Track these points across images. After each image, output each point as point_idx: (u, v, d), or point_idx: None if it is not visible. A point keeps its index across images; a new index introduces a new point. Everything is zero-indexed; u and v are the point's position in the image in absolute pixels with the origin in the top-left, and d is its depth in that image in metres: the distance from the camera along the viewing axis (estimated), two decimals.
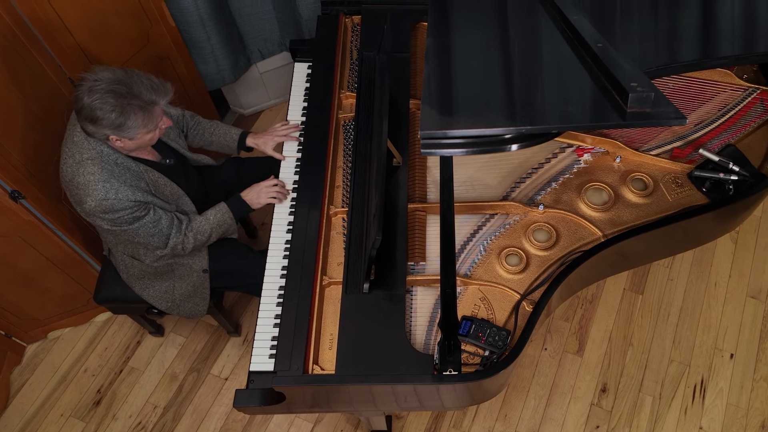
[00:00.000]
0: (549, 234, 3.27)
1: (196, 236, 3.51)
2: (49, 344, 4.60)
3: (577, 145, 3.56)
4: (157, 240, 3.40)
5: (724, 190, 3.35)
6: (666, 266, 4.74)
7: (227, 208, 3.60)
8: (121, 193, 3.16)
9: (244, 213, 3.66)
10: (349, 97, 3.83)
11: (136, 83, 3.04)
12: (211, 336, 4.57)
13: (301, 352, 2.92)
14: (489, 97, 2.63)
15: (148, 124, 3.11)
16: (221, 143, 3.93)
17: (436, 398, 3.03)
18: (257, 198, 3.58)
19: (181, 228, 3.46)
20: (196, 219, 3.54)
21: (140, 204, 3.24)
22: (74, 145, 3.16)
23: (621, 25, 3.22)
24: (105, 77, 3.00)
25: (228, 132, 3.92)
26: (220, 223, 3.58)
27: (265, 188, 3.58)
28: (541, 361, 4.40)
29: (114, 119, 2.99)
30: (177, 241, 3.45)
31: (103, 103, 2.96)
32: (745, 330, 4.47)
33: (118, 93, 2.98)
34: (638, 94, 2.34)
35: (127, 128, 3.05)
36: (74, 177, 3.14)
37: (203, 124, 3.90)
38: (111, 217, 3.19)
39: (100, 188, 3.11)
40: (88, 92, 2.96)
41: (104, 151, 3.16)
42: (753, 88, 3.70)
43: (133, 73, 3.09)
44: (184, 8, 4.21)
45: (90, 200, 3.13)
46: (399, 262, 3.12)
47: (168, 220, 3.39)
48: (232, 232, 3.70)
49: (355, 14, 4.18)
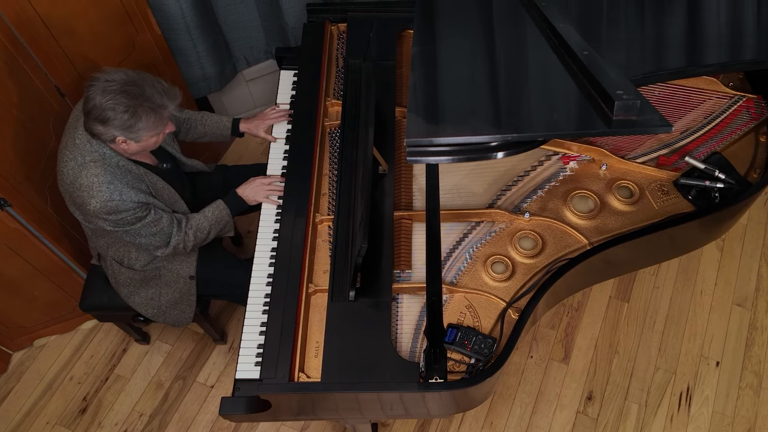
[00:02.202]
0: (535, 242, 3.28)
1: (196, 233, 3.52)
2: (35, 352, 4.59)
3: (563, 153, 3.56)
4: (159, 239, 3.41)
5: (710, 198, 3.36)
6: (652, 274, 4.75)
7: (224, 204, 3.60)
8: (125, 194, 3.17)
9: (241, 209, 3.65)
10: (335, 104, 3.83)
11: (149, 86, 3.07)
12: (197, 344, 4.57)
13: (286, 360, 2.92)
14: (475, 104, 2.64)
15: (157, 126, 3.13)
16: (215, 133, 3.94)
17: (422, 406, 3.03)
18: (254, 195, 3.59)
19: (182, 226, 3.46)
20: (194, 217, 3.55)
21: (142, 205, 3.25)
22: (76, 147, 3.16)
23: (607, 32, 3.22)
24: (118, 78, 3.02)
25: (220, 121, 3.93)
26: (218, 219, 3.59)
27: (261, 185, 3.58)
28: (527, 368, 4.40)
29: (126, 120, 3.01)
30: (178, 239, 3.46)
31: (116, 103, 2.97)
32: (731, 338, 4.47)
33: (132, 94, 3.00)
34: (624, 102, 2.35)
35: (137, 129, 3.06)
36: (77, 179, 3.14)
37: (193, 117, 3.91)
38: (115, 218, 3.20)
39: (105, 189, 3.12)
40: (102, 92, 2.97)
41: (107, 154, 3.17)
42: (739, 96, 3.71)
43: (145, 76, 3.11)
44: (170, 16, 4.20)
45: (94, 201, 3.13)
46: (385, 270, 3.12)
47: (168, 219, 3.40)
48: (228, 229, 3.70)
49: (341, 22, 4.18)
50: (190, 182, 3.83)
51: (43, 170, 3.60)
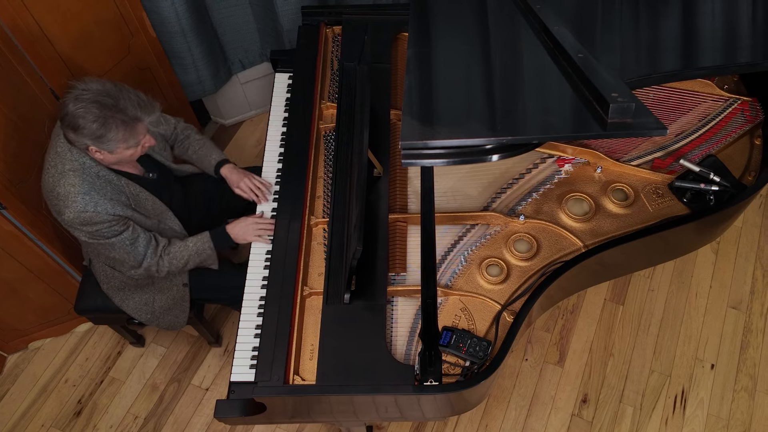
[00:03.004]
0: (530, 244, 3.28)
1: (171, 261, 3.49)
2: (30, 355, 4.59)
3: (558, 156, 3.56)
4: (132, 259, 3.39)
5: (705, 201, 3.36)
6: (647, 277, 4.75)
7: (209, 237, 3.56)
8: (100, 206, 3.15)
9: (227, 246, 3.61)
10: (329, 107, 3.83)
11: (123, 97, 3.04)
12: (192, 346, 4.56)
13: (281, 363, 2.91)
14: (470, 107, 2.63)
15: (128, 139, 3.11)
16: (201, 163, 3.88)
17: (417, 409, 3.03)
18: (243, 234, 3.53)
19: (157, 250, 3.44)
20: (175, 244, 3.52)
21: (119, 218, 3.24)
22: (57, 155, 3.16)
23: (602, 35, 3.22)
24: (93, 88, 3.01)
25: (209, 155, 3.86)
26: (199, 252, 3.56)
27: (252, 225, 3.52)
28: (522, 371, 4.40)
29: (95, 130, 2.99)
30: (151, 262, 3.43)
31: (87, 112, 2.96)
32: (726, 340, 4.47)
33: (103, 104, 2.98)
34: (619, 105, 2.34)
35: (107, 140, 3.04)
36: (55, 187, 3.14)
37: (192, 140, 3.87)
38: (89, 230, 3.19)
39: (80, 200, 3.11)
40: (74, 100, 2.97)
41: (86, 163, 3.15)
42: (734, 99, 3.71)
43: (122, 88, 3.09)
44: (165, 19, 4.20)
45: (69, 212, 3.12)
46: (380, 273, 3.12)
47: (146, 240, 3.39)
48: (211, 262, 3.65)
49: (336, 25, 4.18)
50: (181, 189, 3.81)
51: (37, 172, 3.59)
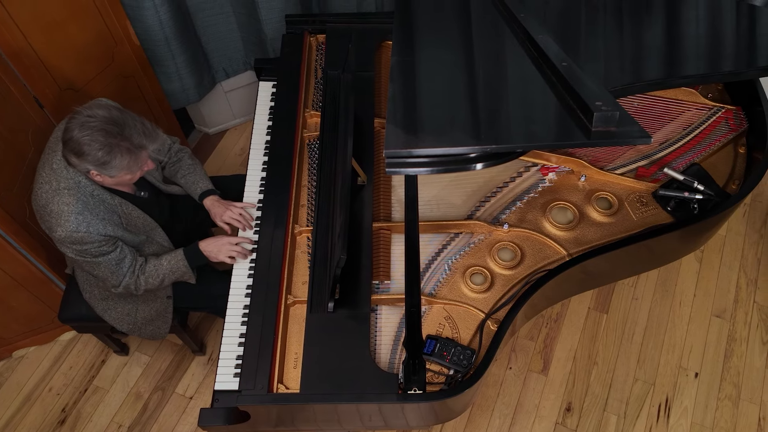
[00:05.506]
0: (514, 253, 3.28)
1: (147, 279, 3.47)
2: (14, 363, 4.57)
3: (542, 164, 3.57)
4: (115, 278, 3.38)
5: (689, 209, 3.37)
6: (631, 285, 4.76)
7: (183, 256, 3.53)
8: (93, 226, 3.15)
9: (201, 263, 3.59)
10: (313, 115, 3.84)
11: (129, 126, 3.03)
12: (176, 355, 4.55)
13: (265, 371, 2.92)
14: (454, 116, 2.63)
15: (132, 166, 3.10)
16: (187, 188, 3.84)
17: (401, 417, 3.03)
18: (216, 253, 3.50)
19: (135, 269, 3.43)
20: (150, 263, 3.50)
21: (109, 239, 3.24)
22: (53, 172, 3.15)
23: (586, 44, 3.23)
24: (99, 115, 2.99)
25: (196, 182, 3.81)
26: (174, 269, 3.53)
27: (227, 245, 3.49)
28: (506, 380, 4.40)
29: (100, 157, 2.98)
30: (129, 281, 3.42)
31: (92, 140, 2.95)
32: (710, 349, 4.48)
33: (110, 133, 2.97)
34: (603, 113, 2.35)
35: (111, 167, 3.04)
36: (48, 204, 3.13)
37: (183, 164, 3.85)
38: (78, 248, 3.19)
39: (72, 220, 3.10)
40: (80, 126, 2.95)
41: (82, 182, 3.14)
42: (718, 107, 3.73)
43: (127, 115, 3.08)
44: (148, 27, 4.19)
45: (60, 230, 3.11)
46: (364, 281, 3.13)
47: (130, 260, 3.39)
48: (188, 278, 3.62)
49: (320, 33, 4.19)
50: (169, 205, 3.81)
51: (21, 181, 3.58)
